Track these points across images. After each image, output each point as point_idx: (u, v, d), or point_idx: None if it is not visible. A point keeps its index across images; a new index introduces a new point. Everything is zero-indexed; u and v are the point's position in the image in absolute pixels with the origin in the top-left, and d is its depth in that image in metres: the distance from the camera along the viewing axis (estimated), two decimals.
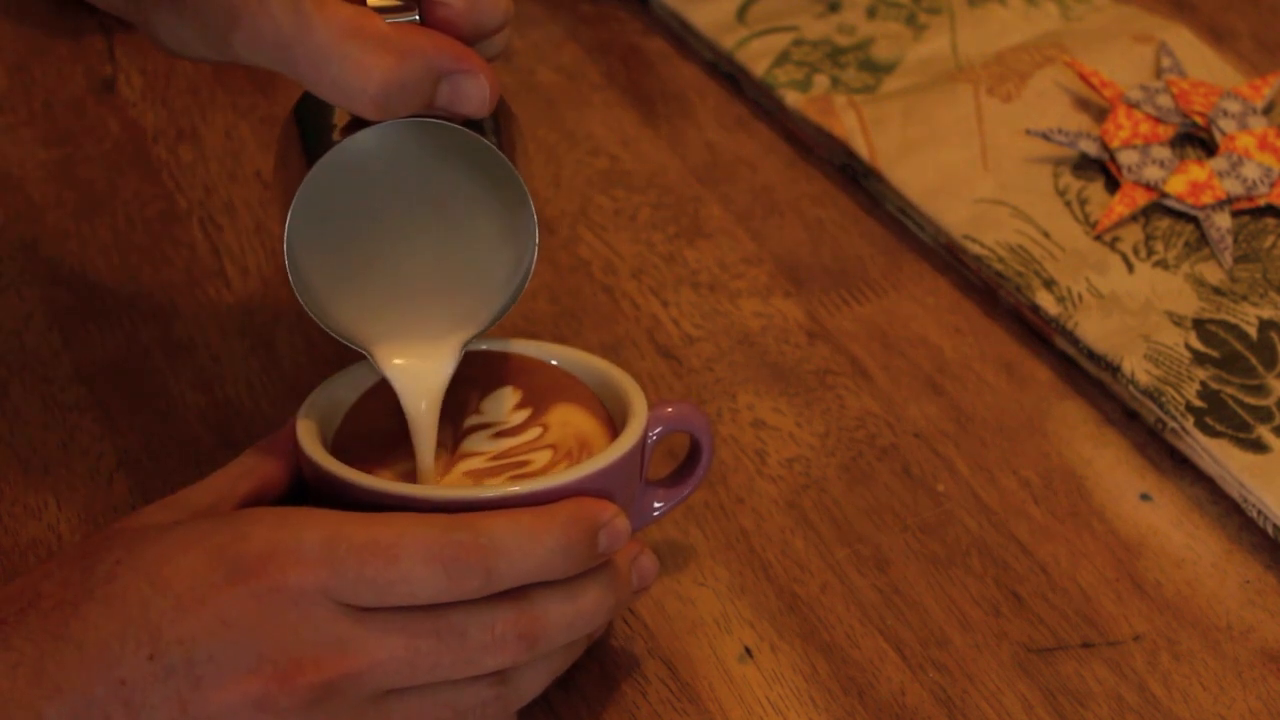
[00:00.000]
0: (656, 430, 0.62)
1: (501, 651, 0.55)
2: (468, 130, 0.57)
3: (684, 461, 0.65)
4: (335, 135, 0.57)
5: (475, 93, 0.56)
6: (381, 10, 0.56)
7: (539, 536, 0.55)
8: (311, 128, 0.59)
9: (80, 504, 0.69)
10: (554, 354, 0.64)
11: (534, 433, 0.61)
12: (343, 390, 0.63)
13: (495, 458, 0.60)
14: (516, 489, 0.57)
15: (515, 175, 0.58)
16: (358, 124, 0.57)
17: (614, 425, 0.62)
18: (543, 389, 0.63)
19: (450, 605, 0.55)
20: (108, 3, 0.59)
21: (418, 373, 0.60)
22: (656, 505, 0.64)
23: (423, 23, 0.57)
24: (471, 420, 0.62)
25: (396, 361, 0.60)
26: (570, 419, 0.62)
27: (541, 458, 0.60)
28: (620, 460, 0.59)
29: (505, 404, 0.62)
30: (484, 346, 0.64)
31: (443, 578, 0.54)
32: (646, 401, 0.61)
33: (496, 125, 0.59)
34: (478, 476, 0.60)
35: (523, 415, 0.62)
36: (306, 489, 0.60)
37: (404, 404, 0.60)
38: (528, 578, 0.56)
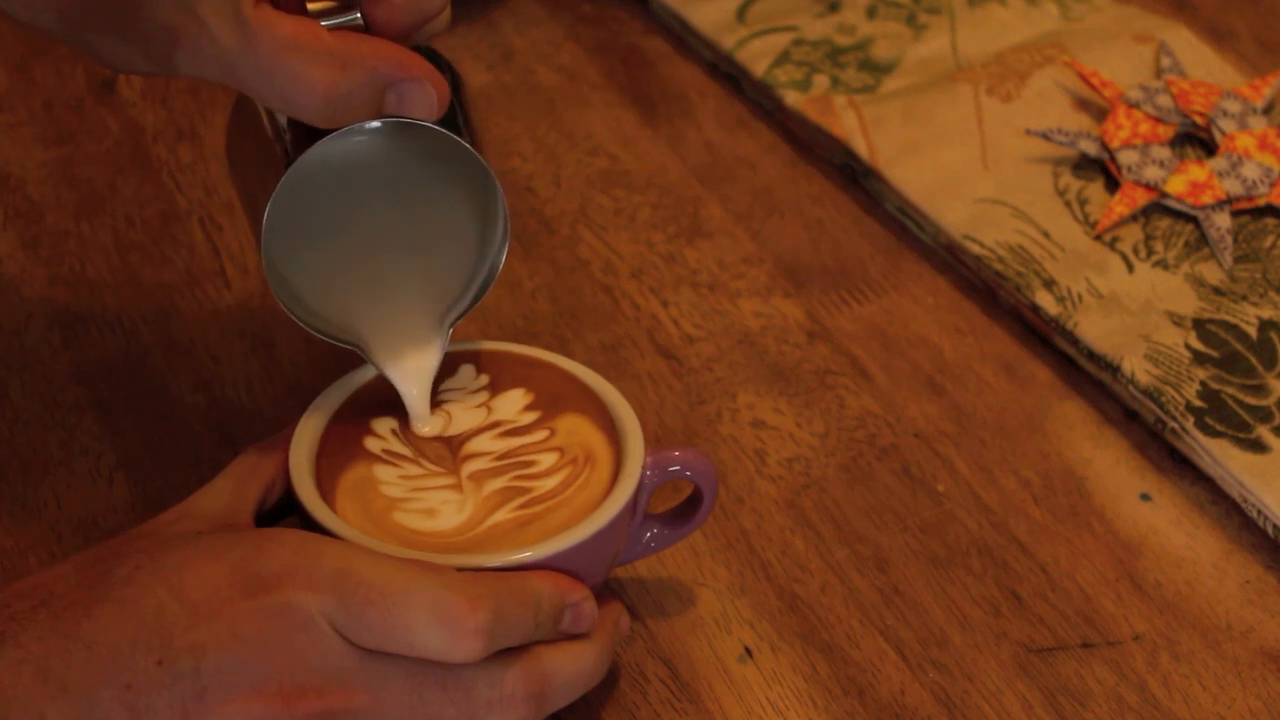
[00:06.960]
0: (664, 471, 0.61)
1: (509, 710, 0.55)
2: (428, 124, 0.57)
3: (685, 502, 0.64)
4: (291, 151, 0.58)
5: (421, 99, 0.56)
6: (321, 14, 0.57)
7: (535, 612, 0.56)
8: (292, 135, 0.59)
9: (80, 504, 0.68)
10: (568, 365, 0.64)
11: (541, 434, 0.61)
12: (327, 414, 0.63)
13: (500, 458, 0.60)
14: (525, 555, 0.57)
15: (479, 160, 0.59)
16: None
17: (619, 442, 0.61)
18: (554, 393, 0.63)
19: None
20: (40, 24, 0.57)
21: (409, 364, 0.62)
22: (651, 538, 0.63)
23: (364, 20, 0.57)
24: (479, 419, 0.62)
25: (387, 357, 0.62)
26: (578, 428, 0.61)
27: (547, 459, 0.60)
28: (607, 526, 0.58)
29: (515, 404, 0.62)
30: (500, 349, 0.64)
31: (444, 640, 0.54)
32: (644, 447, 0.61)
33: (456, 106, 0.60)
34: (479, 479, 0.60)
35: (532, 416, 0.62)
36: None
37: (400, 391, 0.62)
38: (512, 645, 0.56)
